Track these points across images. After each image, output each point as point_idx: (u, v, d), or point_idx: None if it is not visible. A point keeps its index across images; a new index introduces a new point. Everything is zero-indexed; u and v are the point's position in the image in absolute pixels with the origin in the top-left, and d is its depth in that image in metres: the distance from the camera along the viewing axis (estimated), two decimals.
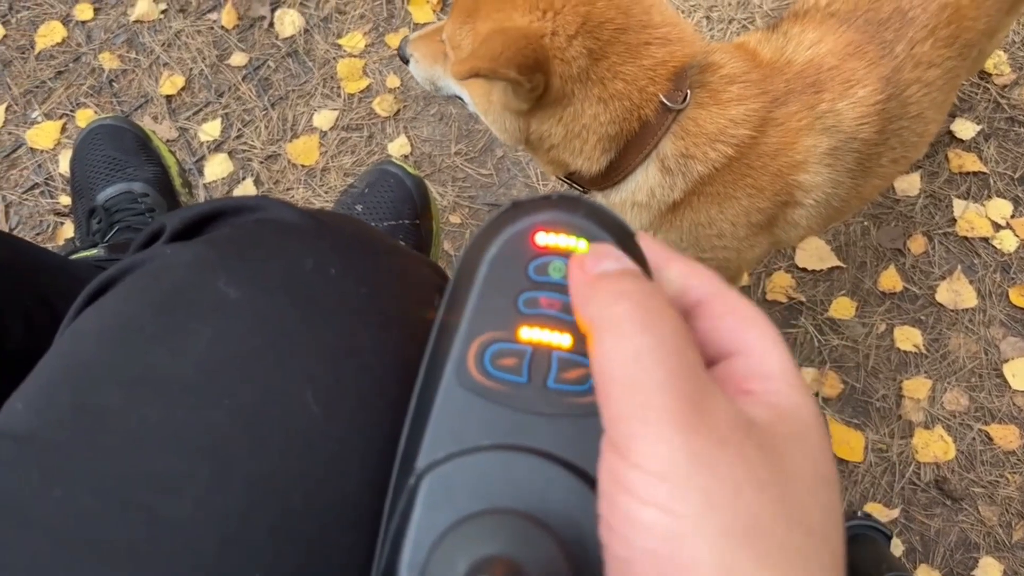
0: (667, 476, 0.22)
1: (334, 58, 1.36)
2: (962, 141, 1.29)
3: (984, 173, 1.27)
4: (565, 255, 0.29)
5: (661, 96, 0.73)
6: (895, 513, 1.09)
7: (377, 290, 0.35)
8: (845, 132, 0.78)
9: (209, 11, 1.39)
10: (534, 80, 0.68)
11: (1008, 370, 1.16)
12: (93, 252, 0.94)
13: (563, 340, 0.28)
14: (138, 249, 0.39)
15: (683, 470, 0.22)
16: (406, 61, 0.89)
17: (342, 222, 0.40)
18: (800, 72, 0.77)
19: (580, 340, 0.28)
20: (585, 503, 0.26)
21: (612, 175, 0.78)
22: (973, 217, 1.24)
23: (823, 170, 0.79)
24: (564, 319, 0.28)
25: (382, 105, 1.32)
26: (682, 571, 0.21)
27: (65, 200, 1.26)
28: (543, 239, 0.29)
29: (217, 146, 1.30)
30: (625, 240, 0.30)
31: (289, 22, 1.38)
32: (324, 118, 1.31)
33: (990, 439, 1.13)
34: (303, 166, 1.28)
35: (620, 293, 0.25)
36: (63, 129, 1.32)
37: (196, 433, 0.29)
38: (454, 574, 0.24)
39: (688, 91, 0.73)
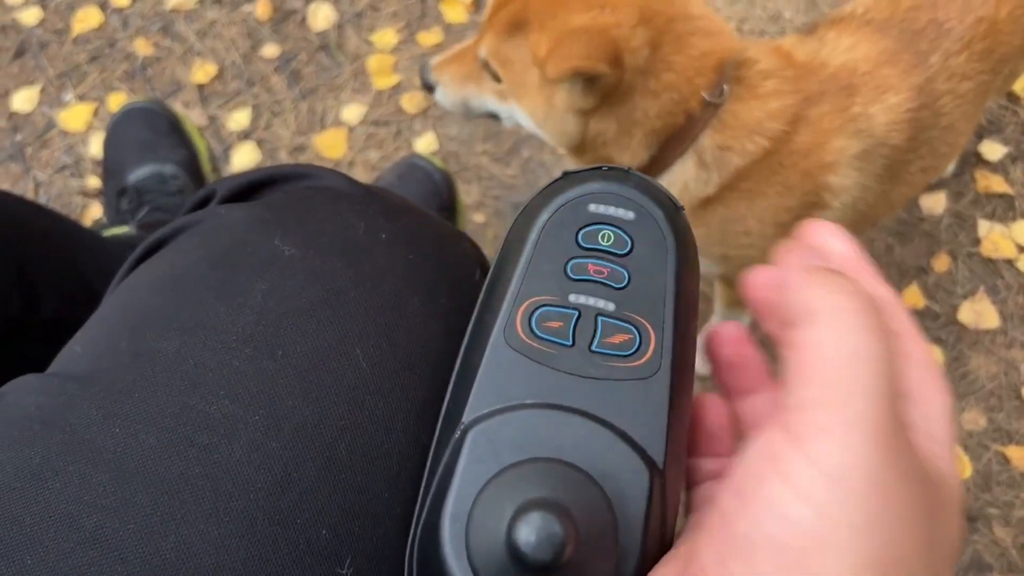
0: (836, 481, 0.21)
1: (365, 53, 1.37)
2: (989, 162, 1.28)
3: (1010, 195, 1.27)
4: (614, 224, 0.30)
5: (702, 90, 0.73)
6: None
7: (424, 258, 0.36)
8: (875, 137, 0.78)
9: (245, 2, 1.41)
10: (617, 72, 0.69)
11: None
12: (124, 229, 0.95)
13: (608, 306, 0.29)
14: (189, 211, 0.40)
15: (856, 484, 0.20)
16: (431, 89, 0.87)
17: (391, 194, 0.40)
18: (834, 74, 0.77)
19: (623, 306, 0.29)
20: (624, 460, 0.27)
21: (649, 170, 0.78)
22: (998, 238, 1.23)
23: (852, 173, 0.79)
24: (610, 286, 0.29)
25: (411, 102, 1.33)
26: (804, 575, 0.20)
27: (93, 182, 1.28)
28: (593, 208, 0.30)
29: (246, 135, 1.31)
30: (672, 214, 0.30)
31: (323, 16, 1.39)
32: (353, 112, 1.33)
33: (1007, 460, 1.12)
34: (330, 159, 1.29)
35: (848, 287, 0.24)
36: (95, 112, 1.34)
37: (250, 381, 0.30)
38: (502, 517, 0.24)
39: (725, 86, 0.74)
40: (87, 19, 1.40)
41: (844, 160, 0.77)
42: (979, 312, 1.19)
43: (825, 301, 0.23)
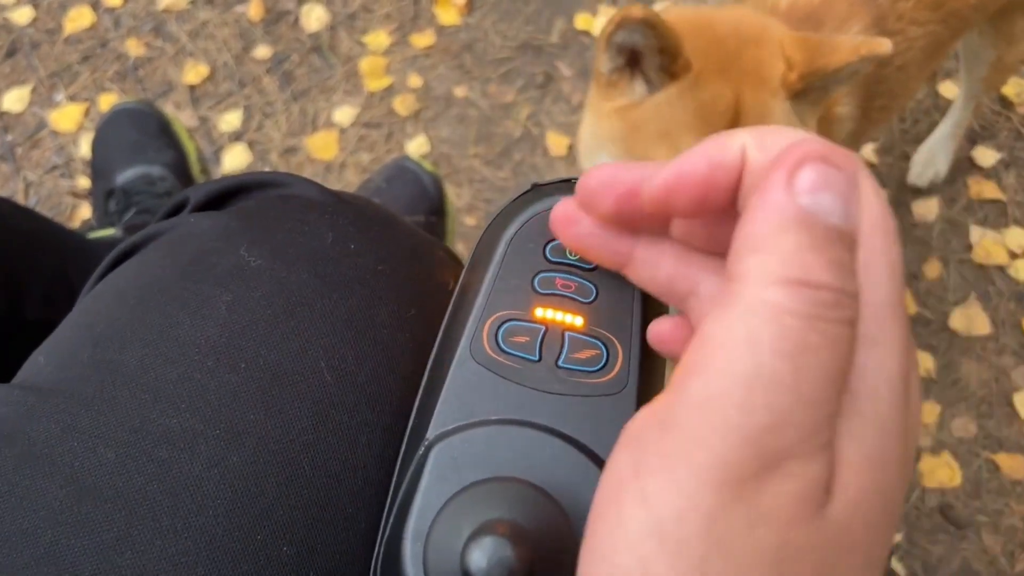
0: (666, 530, 0.17)
1: (358, 55, 1.37)
2: (982, 168, 1.28)
3: (1002, 201, 1.27)
4: None
5: None
6: (898, 537, 1.08)
7: (394, 268, 0.35)
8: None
9: (237, 3, 1.41)
10: None
11: (1018, 400, 1.15)
12: (110, 232, 0.95)
13: (575, 321, 0.29)
14: (162, 219, 0.40)
15: (687, 535, 0.17)
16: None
17: (363, 202, 0.40)
18: (787, 12, 0.79)
19: (591, 322, 0.29)
20: (589, 478, 0.26)
21: None
22: (990, 245, 1.23)
23: (847, 100, 0.80)
24: (578, 300, 0.29)
25: (403, 104, 1.33)
26: None
27: (83, 182, 1.27)
28: None
29: (237, 136, 1.31)
30: None
31: (315, 17, 1.39)
32: (344, 114, 1.32)
33: (997, 468, 1.12)
34: (322, 160, 1.29)
35: (799, 225, 0.18)
36: (86, 112, 1.33)
37: (212, 394, 0.29)
38: (459, 537, 0.24)
39: None
40: (79, 19, 1.40)
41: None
42: (970, 318, 1.19)
43: (767, 246, 0.18)
